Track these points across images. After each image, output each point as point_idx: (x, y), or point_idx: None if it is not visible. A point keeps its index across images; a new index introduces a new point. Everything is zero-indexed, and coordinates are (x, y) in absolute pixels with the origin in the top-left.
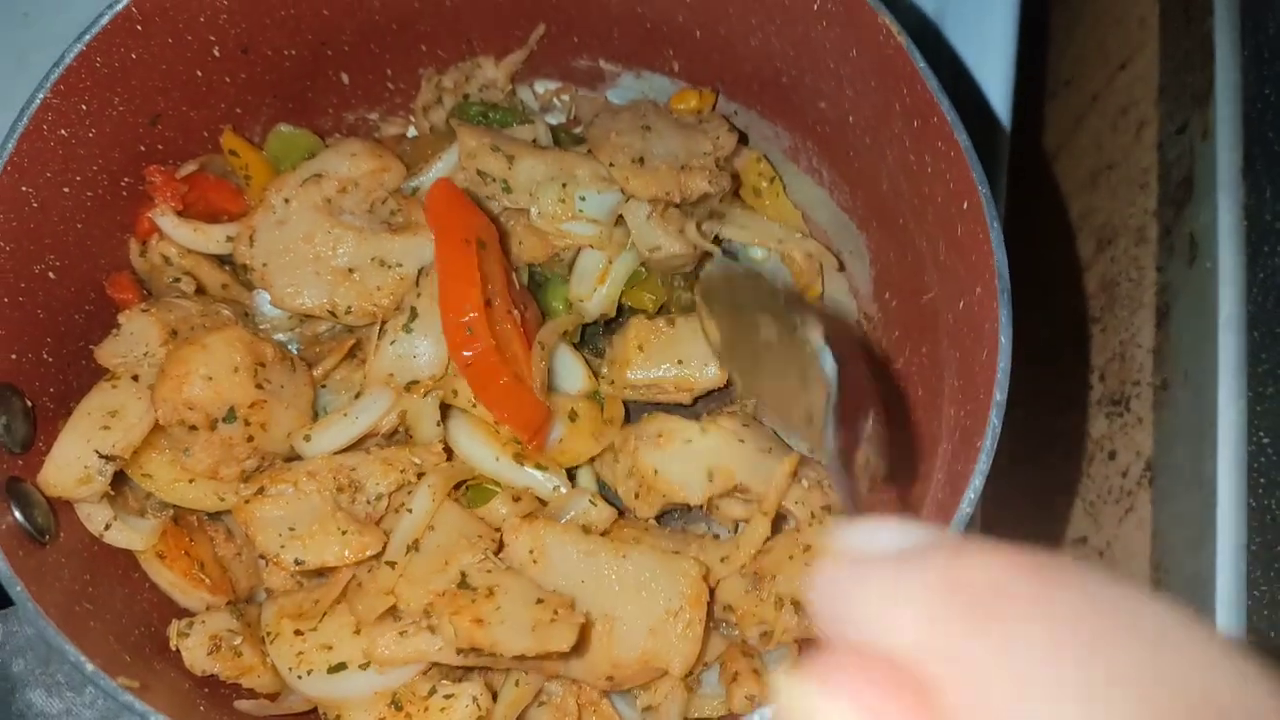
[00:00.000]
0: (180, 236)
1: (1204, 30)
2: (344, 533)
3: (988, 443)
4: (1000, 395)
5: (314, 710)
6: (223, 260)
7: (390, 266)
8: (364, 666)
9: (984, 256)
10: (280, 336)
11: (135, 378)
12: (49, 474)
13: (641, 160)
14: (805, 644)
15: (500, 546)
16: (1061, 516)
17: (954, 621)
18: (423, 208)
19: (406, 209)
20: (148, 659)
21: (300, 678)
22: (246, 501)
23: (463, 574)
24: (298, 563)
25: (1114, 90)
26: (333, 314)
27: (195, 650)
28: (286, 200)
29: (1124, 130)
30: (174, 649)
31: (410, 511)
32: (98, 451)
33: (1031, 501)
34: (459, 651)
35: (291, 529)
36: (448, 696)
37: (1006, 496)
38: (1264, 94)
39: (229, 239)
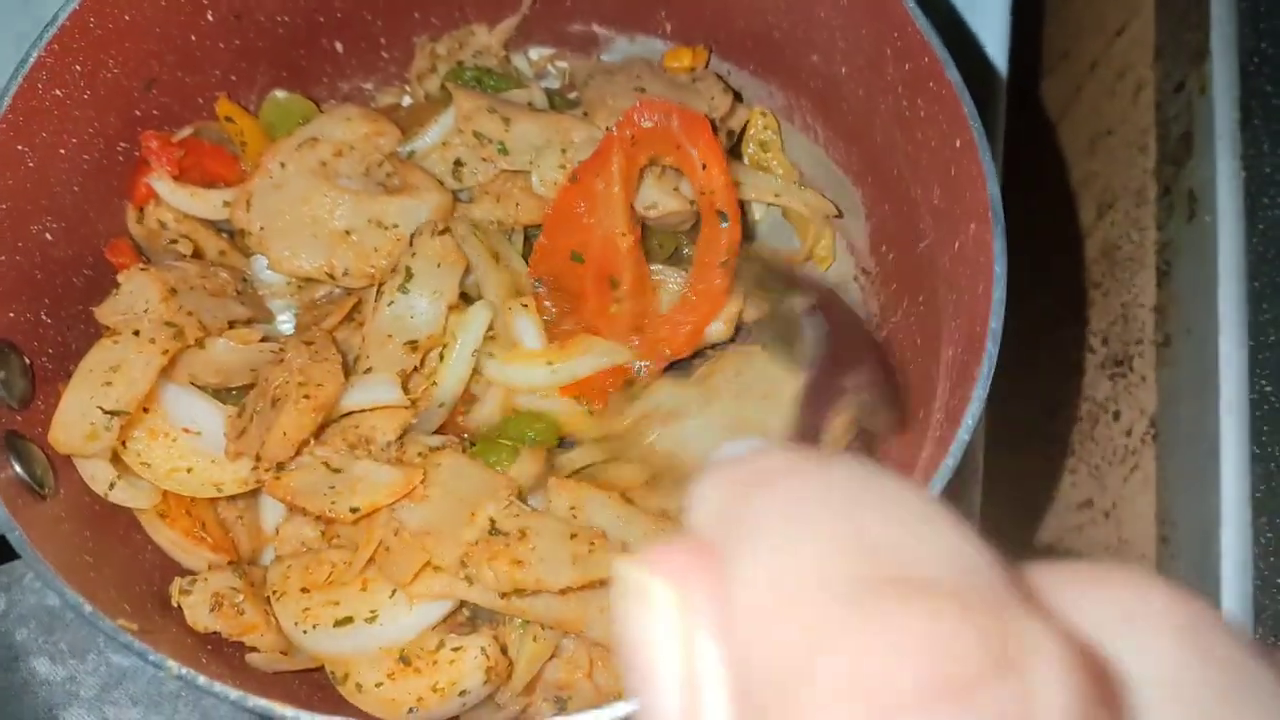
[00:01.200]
0: (177, 201)
1: None
2: (382, 475)
3: (985, 369)
4: (995, 323)
5: (322, 668)
6: (220, 227)
7: (387, 228)
8: (370, 620)
9: (977, 191)
10: (278, 303)
11: (136, 332)
12: (57, 432)
13: None
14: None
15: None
16: (1066, 481)
17: (737, 492)
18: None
19: (401, 172)
20: (149, 614)
21: (306, 633)
22: (277, 479)
23: (492, 521)
24: (353, 510)
25: (1111, 56)
26: (330, 276)
27: (197, 607)
28: (283, 165)
29: (1121, 94)
30: (175, 605)
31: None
32: (101, 408)
33: (1036, 468)
34: (503, 596)
35: (332, 487)
36: (455, 649)
37: (1010, 463)
38: (1260, 48)
39: (225, 204)
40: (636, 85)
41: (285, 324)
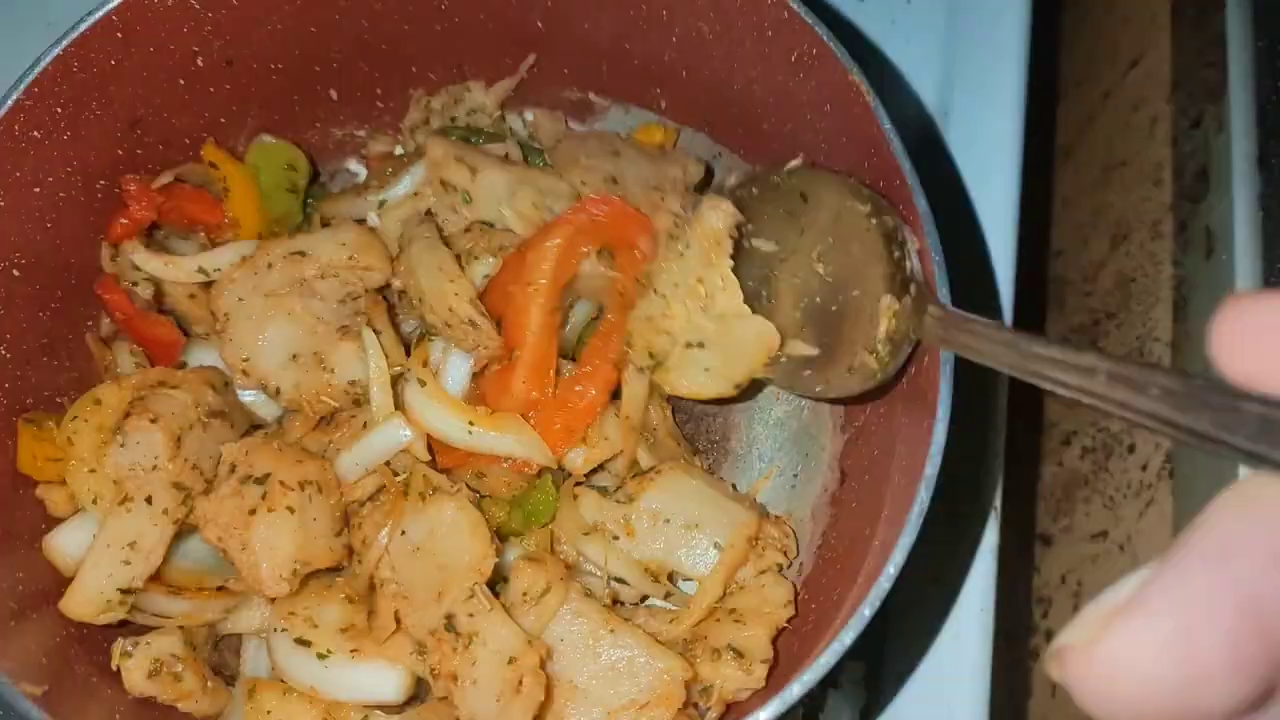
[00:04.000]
0: (152, 268)
1: (1217, 25)
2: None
3: (914, 515)
4: (931, 470)
5: None
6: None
7: (327, 370)
8: (321, 657)
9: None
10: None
11: (149, 500)
12: (71, 605)
13: (615, 180)
14: (735, 707)
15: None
16: (1080, 511)
17: None
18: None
19: (373, 315)
20: (70, 663)
21: (275, 632)
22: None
23: (448, 617)
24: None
25: (1125, 87)
26: (263, 388)
27: (135, 672)
28: (270, 265)
29: (1137, 127)
30: (115, 668)
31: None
32: (119, 588)
33: (1048, 498)
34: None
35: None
36: None
37: (1023, 493)
38: (1278, 86)
39: (199, 269)
40: (611, 149)
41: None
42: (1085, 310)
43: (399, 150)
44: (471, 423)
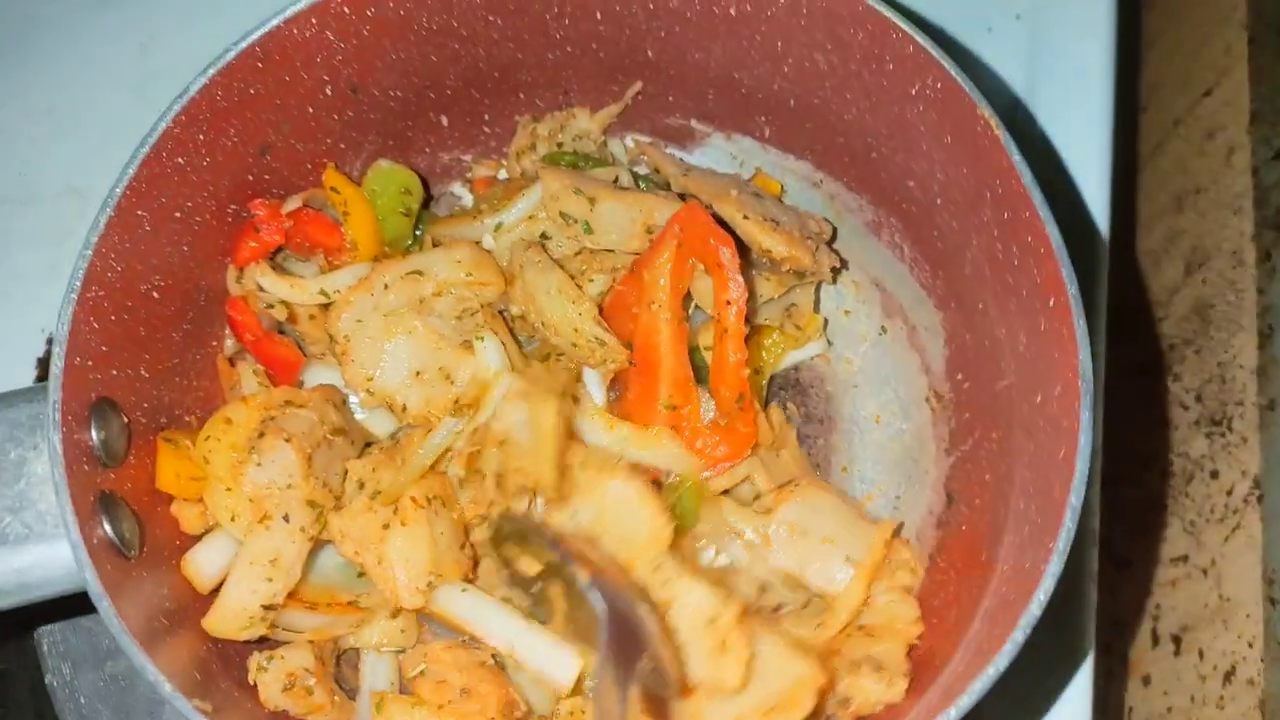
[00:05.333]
0: (277, 290)
1: None
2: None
3: (1060, 544)
4: (1076, 500)
5: None
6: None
7: (453, 382)
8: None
9: (1067, 355)
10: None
11: (286, 518)
12: (216, 622)
13: (776, 222)
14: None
15: None
16: (1158, 536)
17: None
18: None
19: (491, 324)
20: (214, 677)
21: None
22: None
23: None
24: None
25: (1198, 116)
26: (390, 407)
27: (271, 686)
28: (386, 287)
29: (1211, 155)
30: (252, 682)
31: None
32: (262, 605)
33: (1127, 521)
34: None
35: None
36: None
37: (1103, 517)
38: None
39: (321, 291)
40: (752, 191)
41: None
42: (1161, 336)
43: (503, 174)
44: (625, 438)
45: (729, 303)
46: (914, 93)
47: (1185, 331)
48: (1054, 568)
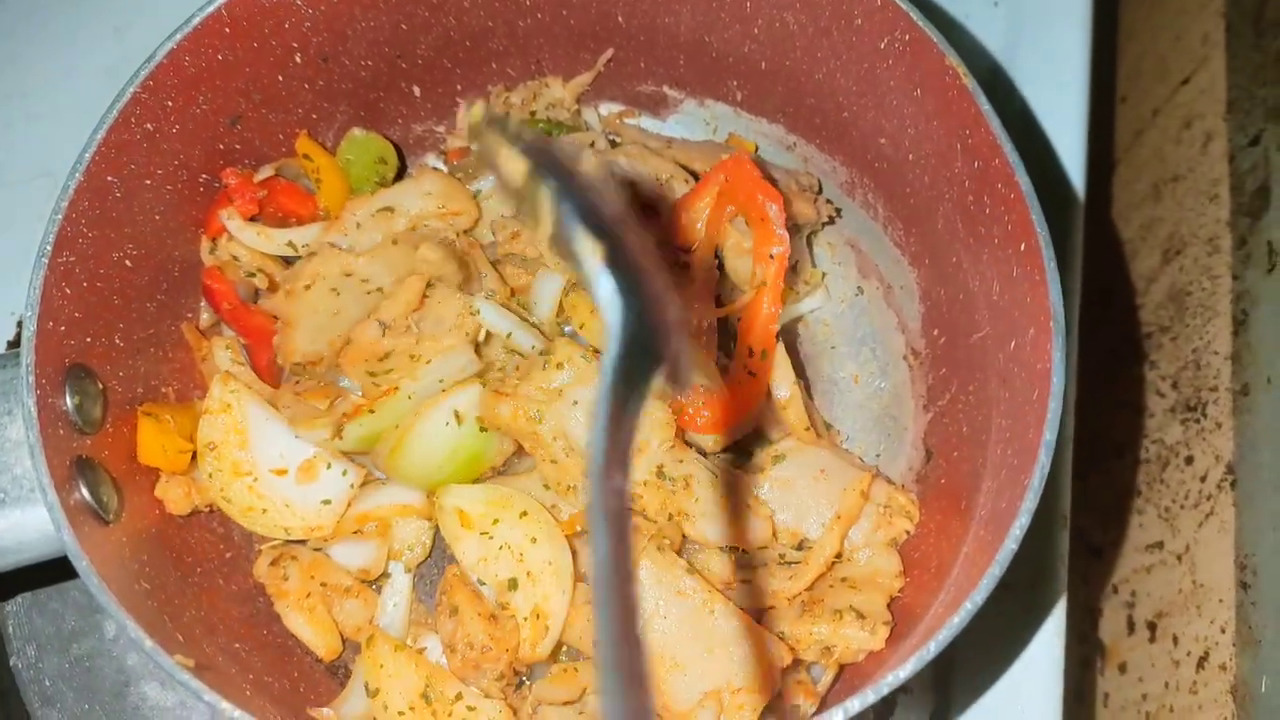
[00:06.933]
0: (245, 238)
1: (1276, 45)
2: None
3: (1035, 480)
4: (1050, 435)
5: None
6: (288, 261)
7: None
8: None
9: (1039, 297)
10: None
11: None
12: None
13: (772, 180)
14: (848, 670)
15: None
16: (1134, 522)
17: None
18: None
19: (473, 257)
20: (198, 641)
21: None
22: None
23: (659, 468)
24: None
25: (1176, 105)
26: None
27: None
28: (358, 224)
29: (1188, 143)
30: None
31: None
32: None
33: (1103, 509)
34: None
35: None
36: (470, 708)
37: (1077, 504)
38: None
39: (289, 243)
40: (726, 154)
41: None
42: (1137, 323)
43: (476, 145)
44: None
45: (772, 256)
46: (883, 46)
47: (1162, 318)
48: (1029, 504)
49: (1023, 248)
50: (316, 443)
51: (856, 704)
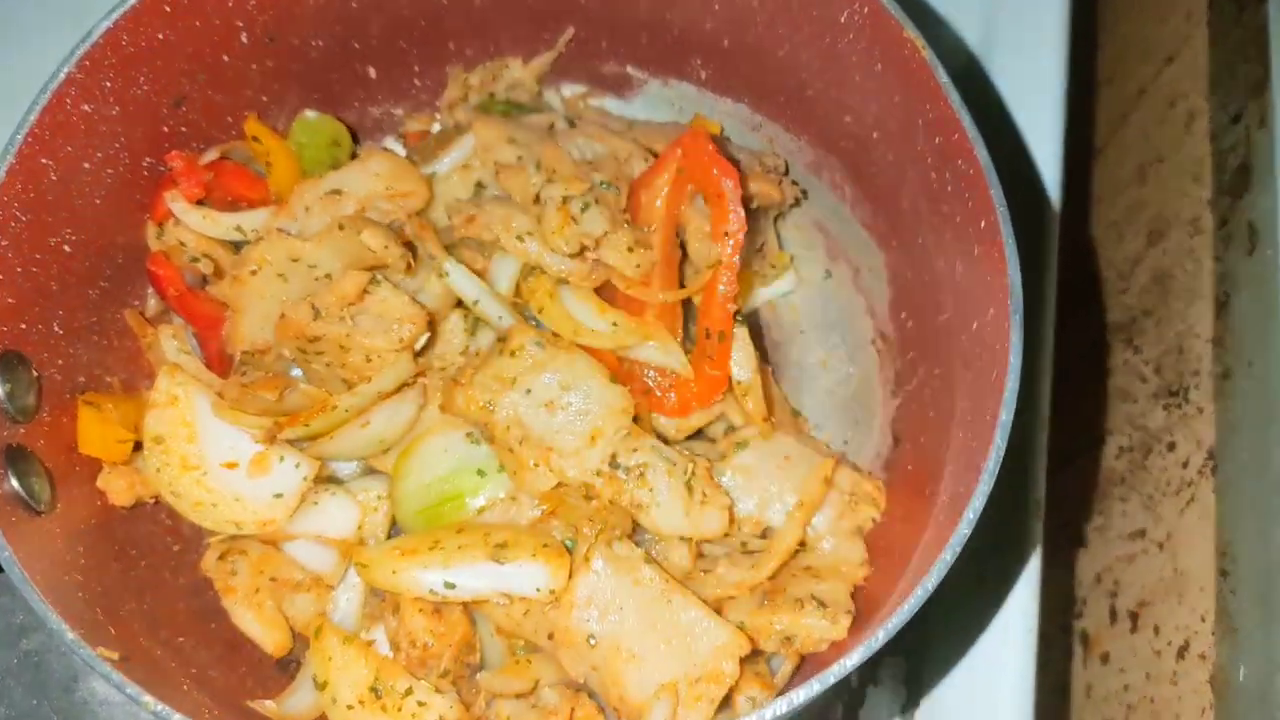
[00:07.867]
0: (191, 221)
1: (1257, 20)
2: None
3: (990, 463)
4: (1006, 416)
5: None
6: (237, 246)
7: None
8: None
9: (998, 276)
10: None
11: None
12: None
13: (736, 161)
14: (809, 660)
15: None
16: (1116, 510)
17: None
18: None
19: (424, 238)
20: (134, 635)
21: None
22: None
23: (612, 456)
24: None
25: (1161, 84)
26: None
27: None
28: (307, 209)
29: (1173, 123)
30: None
31: None
32: None
33: (1086, 496)
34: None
35: None
36: (421, 704)
37: (1061, 493)
38: None
39: (237, 227)
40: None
41: None
42: (1122, 307)
43: (436, 127)
44: (614, 323)
45: (727, 234)
46: (843, 21)
47: (1146, 302)
48: (983, 486)
49: (983, 225)
50: (251, 439)
51: (802, 694)
